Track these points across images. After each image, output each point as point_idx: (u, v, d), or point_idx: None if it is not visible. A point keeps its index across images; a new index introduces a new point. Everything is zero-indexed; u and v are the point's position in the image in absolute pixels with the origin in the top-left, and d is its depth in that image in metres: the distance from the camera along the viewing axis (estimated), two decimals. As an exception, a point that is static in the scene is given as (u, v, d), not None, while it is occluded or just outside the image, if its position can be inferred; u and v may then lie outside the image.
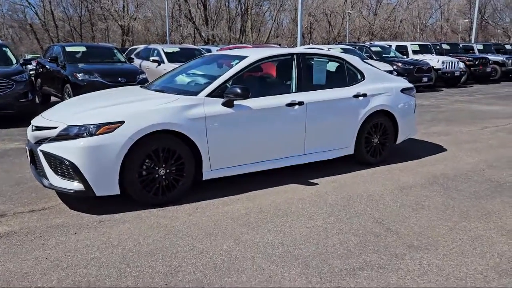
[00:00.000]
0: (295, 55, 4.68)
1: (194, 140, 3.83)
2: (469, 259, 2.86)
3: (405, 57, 15.87)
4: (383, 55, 15.24)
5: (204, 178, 4.01)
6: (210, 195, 4.02)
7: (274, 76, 4.93)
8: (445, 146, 6.19)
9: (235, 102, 4.05)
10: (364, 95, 4.95)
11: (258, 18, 50.55)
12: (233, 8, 48.44)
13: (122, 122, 3.56)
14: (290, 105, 4.40)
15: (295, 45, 29.19)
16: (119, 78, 8.82)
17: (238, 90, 3.93)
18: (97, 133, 3.49)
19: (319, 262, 2.81)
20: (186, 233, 3.23)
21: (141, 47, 14.14)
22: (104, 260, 2.80)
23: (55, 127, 3.62)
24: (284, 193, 4.14)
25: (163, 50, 11.94)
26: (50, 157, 3.57)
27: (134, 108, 3.76)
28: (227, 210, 3.69)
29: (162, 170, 3.75)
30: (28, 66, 17.62)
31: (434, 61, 15.37)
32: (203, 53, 10.90)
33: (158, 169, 3.73)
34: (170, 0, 38.20)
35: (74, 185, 3.51)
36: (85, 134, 3.50)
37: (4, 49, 8.79)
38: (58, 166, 3.55)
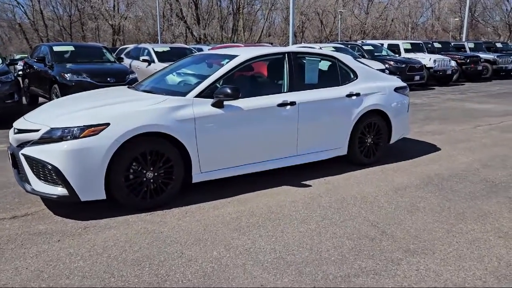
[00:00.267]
0: (287, 54, 4.57)
1: (183, 142, 3.71)
2: (467, 264, 2.78)
3: (397, 55, 15.84)
4: (375, 54, 15.20)
5: (193, 181, 3.89)
6: (200, 199, 3.90)
7: (265, 75, 4.82)
8: (438, 145, 6.12)
9: (225, 103, 3.94)
10: (357, 95, 4.86)
11: (250, 17, 50.41)
12: (224, 7, 48.28)
13: (108, 124, 3.43)
14: (282, 105, 4.30)
15: (287, 44, 29.12)
16: (108, 78, 8.65)
17: (228, 90, 3.82)
18: (81, 135, 3.35)
19: (313, 268, 2.70)
20: (174, 239, 3.11)
21: (131, 47, 13.97)
22: (87, 269, 2.67)
23: (38, 130, 3.48)
24: (276, 195, 4.03)
25: (154, 50, 11.78)
26: (32, 161, 3.42)
27: (120, 109, 3.63)
28: (218, 214, 3.57)
29: (150, 173, 3.62)
30: (16, 67, 17.24)
31: (426, 59, 15.36)
32: (194, 52, 10.76)
33: (145, 172, 3.60)
34: (161, -1, 37.90)
35: (58, 190, 3.37)
36: (68, 137, 3.36)
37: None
38: (40, 170, 3.41)
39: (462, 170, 4.89)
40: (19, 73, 11.19)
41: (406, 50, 16.62)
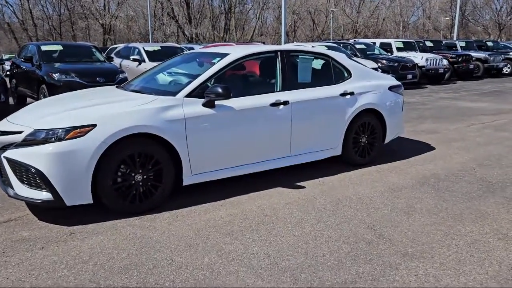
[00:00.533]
0: (279, 52, 4.46)
1: (172, 143, 3.59)
2: (467, 268, 2.69)
3: (389, 54, 15.82)
4: (368, 53, 15.16)
5: (184, 184, 3.77)
6: (191, 202, 3.78)
7: (257, 74, 4.71)
8: (433, 144, 6.06)
9: (217, 103, 3.82)
10: (351, 94, 4.77)
11: (242, 17, 50.20)
12: (216, 6, 48.02)
13: (94, 125, 3.29)
14: (275, 104, 4.19)
15: (280, 43, 29.04)
16: (98, 78, 8.47)
17: (219, 89, 3.70)
18: (66, 137, 3.22)
19: (308, 275, 2.60)
20: (164, 245, 2.98)
21: (121, 46, 13.77)
22: (72, 278, 2.54)
23: (21, 132, 3.33)
24: (269, 197, 3.92)
25: (144, 49, 11.61)
26: (15, 164, 3.27)
27: (107, 110, 3.49)
28: (209, 218, 3.45)
29: (139, 176, 3.50)
30: (4, 66, 16.96)
31: (418, 58, 15.34)
32: (186, 51, 10.61)
33: (134, 175, 3.47)
34: (152, -2, 37.55)
35: (43, 194, 3.23)
36: (53, 139, 3.22)
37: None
38: (24, 174, 3.27)
39: (458, 169, 4.82)
40: (7, 73, 10.95)
41: (398, 49, 16.60)
